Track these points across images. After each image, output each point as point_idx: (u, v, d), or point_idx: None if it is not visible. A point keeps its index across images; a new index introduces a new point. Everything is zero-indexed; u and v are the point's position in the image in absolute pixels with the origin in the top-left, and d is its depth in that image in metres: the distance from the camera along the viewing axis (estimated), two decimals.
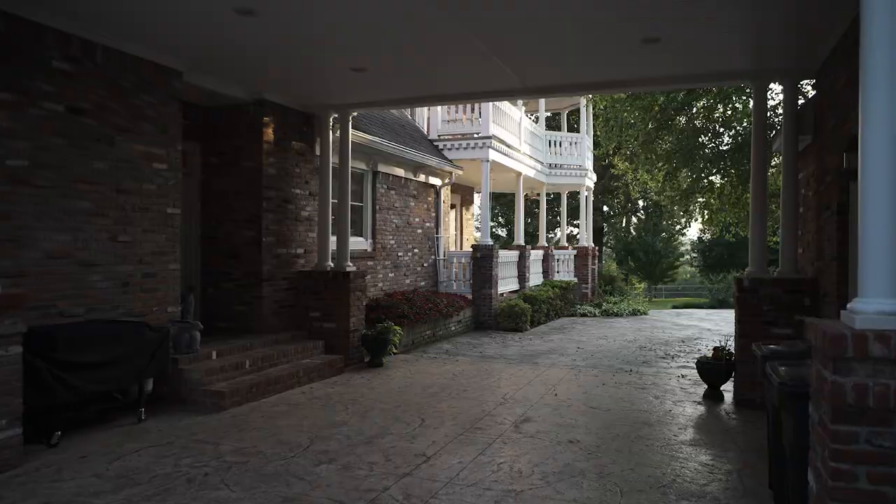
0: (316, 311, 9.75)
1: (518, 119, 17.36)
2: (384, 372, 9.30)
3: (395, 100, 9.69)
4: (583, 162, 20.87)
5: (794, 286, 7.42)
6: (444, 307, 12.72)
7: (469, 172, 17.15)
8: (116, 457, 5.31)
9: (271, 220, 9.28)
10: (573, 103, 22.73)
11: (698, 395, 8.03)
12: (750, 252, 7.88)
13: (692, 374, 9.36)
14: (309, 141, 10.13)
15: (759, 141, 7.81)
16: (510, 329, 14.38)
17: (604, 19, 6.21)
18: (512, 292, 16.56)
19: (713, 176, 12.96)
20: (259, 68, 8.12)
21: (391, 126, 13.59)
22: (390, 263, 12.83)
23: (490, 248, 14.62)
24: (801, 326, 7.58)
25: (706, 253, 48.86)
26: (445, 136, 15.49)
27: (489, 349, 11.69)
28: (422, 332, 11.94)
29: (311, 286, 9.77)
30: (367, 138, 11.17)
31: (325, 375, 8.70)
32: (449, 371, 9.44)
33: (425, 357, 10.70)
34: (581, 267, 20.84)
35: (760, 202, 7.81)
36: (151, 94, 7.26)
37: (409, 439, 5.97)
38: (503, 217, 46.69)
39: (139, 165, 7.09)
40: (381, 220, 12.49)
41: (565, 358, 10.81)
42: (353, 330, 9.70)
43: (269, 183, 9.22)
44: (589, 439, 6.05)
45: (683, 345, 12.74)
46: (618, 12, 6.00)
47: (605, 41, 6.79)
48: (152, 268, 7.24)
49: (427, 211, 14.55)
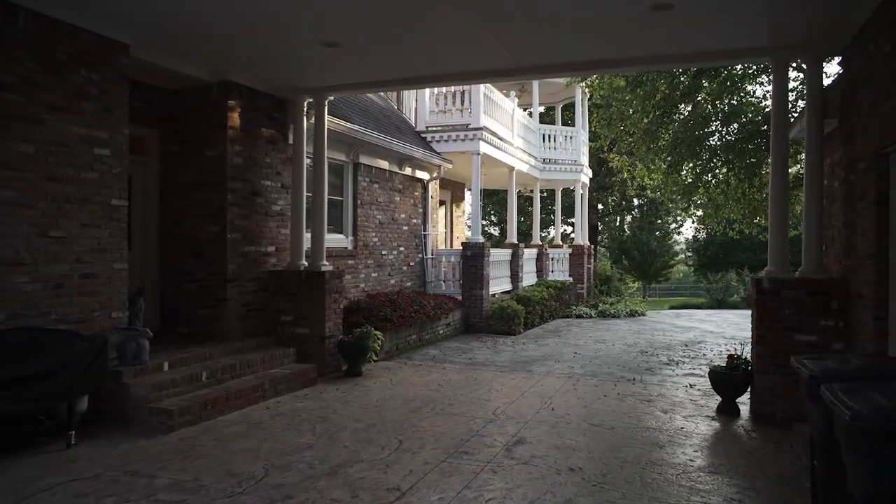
0: (288, 314, 8.86)
1: (511, 111, 16.50)
2: (362, 382, 8.42)
3: (376, 82, 8.80)
4: (578, 157, 20.03)
5: (820, 287, 6.58)
6: (432, 309, 11.85)
7: (459, 167, 16.27)
8: (22, 496, 4.41)
9: (237, 215, 8.38)
10: (568, 96, 21.89)
11: (711, 409, 7.20)
12: (770, 250, 7.05)
13: (700, 384, 8.53)
14: (281, 128, 9.23)
15: (779, 125, 6.98)
16: (502, 332, 13.53)
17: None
18: (504, 293, 15.70)
19: (718, 169, 12.11)
20: (221, 45, 7.23)
21: (374, 115, 12.70)
22: (373, 262, 11.94)
23: (481, 245, 13.76)
24: (829, 332, 6.79)
25: (701, 252, 48.23)
26: (434, 127, 14.60)
27: (479, 355, 10.83)
28: (406, 337, 11.07)
29: (283, 287, 8.89)
30: (346, 126, 10.28)
31: (295, 387, 7.81)
32: (434, 381, 8.57)
33: (409, 364, 9.82)
34: (576, 266, 20.01)
35: (781, 193, 6.98)
36: (93, 70, 6.36)
37: (382, 468, 5.10)
38: (496, 215, 45.86)
39: (77, 150, 6.19)
40: (363, 215, 11.60)
41: (561, 365, 9.96)
42: (329, 336, 8.82)
43: (234, 173, 8.32)
44: (593, 466, 5.20)
45: (687, 349, 11.91)
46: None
47: (609, 6, 5.92)
48: (93, 267, 6.34)
49: (414, 206, 13.67)
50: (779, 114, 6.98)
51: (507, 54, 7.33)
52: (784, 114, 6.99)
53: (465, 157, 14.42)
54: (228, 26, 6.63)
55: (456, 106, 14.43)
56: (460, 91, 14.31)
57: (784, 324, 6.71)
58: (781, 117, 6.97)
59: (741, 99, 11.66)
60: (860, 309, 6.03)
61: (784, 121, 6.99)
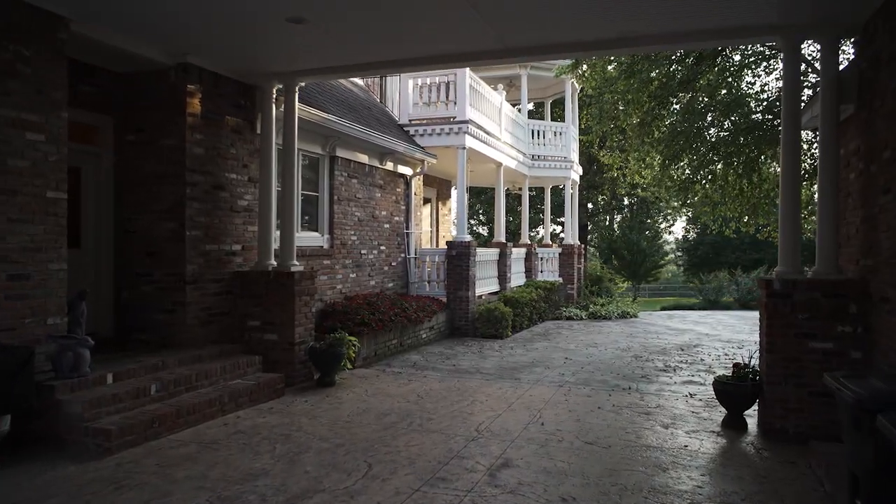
0: (255, 319, 8.15)
1: (498, 104, 15.83)
2: (334, 393, 7.72)
3: (350, 66, 8.09)
4: (568, 153, 19.40)
5: (837, 289, 5.96)
6: (414, 312, 11.16)
7: (445, 163, 15.60)
8: None
9: (198, 210, 7.66)
10: (557, 92, 21.30)
11: (715, 423, 6.56)
12: (780, 247, 6.41)
13: (701, 392, 7.90)
14: (248, 117, 8.51)
15: (790, 110, 6.35)
16: (489, 336, 12.86)
17: None
18: (492, 294, 15.05)
19: (715, 164, 11.48)
20: (176, 22, 6.50)
21: (353, 106, 11.98)
22: (351, 262, 11.23)
23: (467, 245, 13.08)
24: (847, 339, 6.16)
25: (691, 252, 47.82)
26: (417, 120, 13.90)
27: (464, 361, 10.15)
28: (386, 342, 10.37)
29: (250, 290, 8.17)
30: (321, 116, 9.57)
31: (260, 399, 7.10)
32: (414, 391, 7.88)
33: (388, 372, 9.13)
34: (566, 266, 19.37)
35: (792, 186, 6.35)
36: (24, 46, 5.63)
37: (345, 499, 4.41)
38: (484, 215, 45.20)
39: (4, 135, 5.45)
40: (340, 212, 10.89)
41: (551, 372, 9.30)
42: (300, 342, 8.11)
43: (195, 165, 7.60)
44: (588, 495, 4.54)
45: (683, 353, 11.30)
46: None
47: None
48: (24, 268, 5.60)
49: (395, 203, 12.97)
50: (790, 98, 6.35)
51: (492, 33, 6.66)
52: (796, 97, 6.36)
53: (451, 151, 13.74)
54: (185, 7, 5.93)
55: (441, 98, 13.74)
56: (445, 82, 13.63)
57: (797, 329, 6.08)
58: (793, 101, 6.34)
59: (739, 89, 11.03)
60: (884, 314, 5.41)
61: (795, 105, 6.36)
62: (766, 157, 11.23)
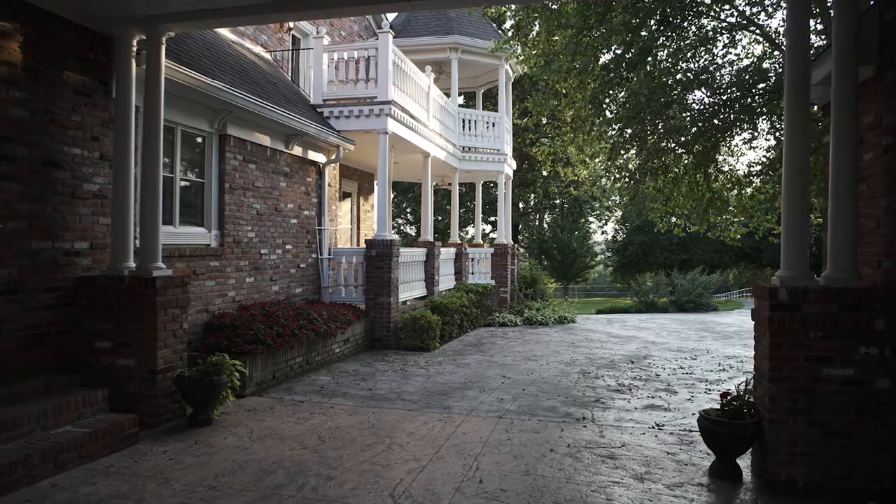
0: (105, 339, 6.19)
1: (426, 88, 14.19)
2: (208, 437, 5.86)
3: (232, 8, 6.24)
4: (501, 146, 17.97)
5: (859, 299, 4.61)
6: (324, 323, 9.36)
7: (366, 153, 13.85)
8: None
9: (18, 195, 5.65)
10: (490, 80, 19.90)
11: (700, 470, 5.12)
12: (783, 247, 5.02)
13: (669, 422, 6.51)
14: (100, 75, 6.53)
15: (796, 72, 4.97)
16: (414, 348, 11.20)
17: None
18: (418, 299, 13.41)
19: (668, 154, 10.21)
20: None
21: (254, 79, 10.06)
22: (248, 264, 9.32)
23: (388, 243, 11.37)
24: (872, 364, 4.77)
25: (621, 252, 47.73)
26: (332, 100, 12.08)
27: (383, 383, 8.43)
28: (288, 361, 8.53)
29: (99, 301, 6.20)
30: (204, 82, 7.65)
31: (96, 454, 5.18)
32: (315, 430, 6.12)
33: (286, 402, 7.32)
34: (499, 267, 17.93)
35: (800, 171, 4.98)
36: None
37: None
38: (412, 213, 43.57)
39: None
40: (233, 203, 8.97)
41: (488, 396, 7.72)
42: (165, 368, 6.21)
43: (10, 131, 5.59)
44: None
45: (634, 367, 9.96)
46: None
47: None
48: None
49: (306, 195, 11.11)
50: (796, 55, 4.96)
51: None
52: (804, 54, 4.98)
53: (371, 137, 12.00)
54: None
55: (360, 76, 11.97)
56: (365, 57, 11.88)
57: (808, 352, 4.70)
58: (799, 60, 4.96)
59: (711, 56, 9.79)
60: None
61: (803, 66, 4.98)
62: (726, 145, 10.08)
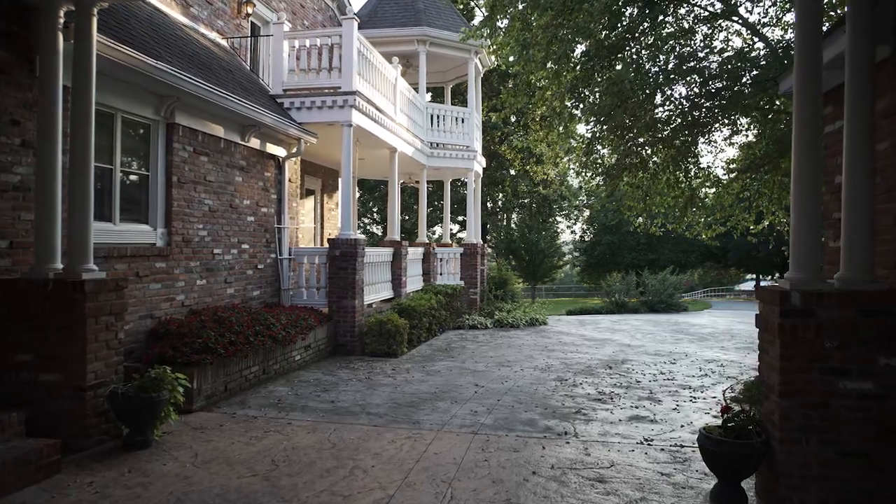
0: (25, 351, 5.41)
1: (393, 80, 13.53)
2: (144, 464, 5.14)
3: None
4: (471, 142, 17.38)
5: (879, 304, 4.13)
6: (282, 328, 8.65)
7: (331, 148, 13.12)
8: None
9: None
10: (459, 75, 19.29)
11: (700, 495, 4.60)
12: (792, 246, 4.51)
13: (657, 436, 6.00)
14: (21, 51, 5.75)
15: (807, 50, 4.47)
16: (380, 354, 10.55)
17: None
18: (384, 301, 12.74)
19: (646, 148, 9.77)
20: None
21: (208, 64, 9.29)
22: (199, 265, 8.56)
23: (353, 243, 10.70)
24: (892, 377, 4.14)
25: (588, 252, 47.68)
26: (293, 90, 11.35)
27: (346, 394, 7.77)
28: (243, 371, 7.81)
29: (19, 307, 5.43)
30: (149, 63, 6.89)
31: (7, 488, 4.42)
32: (268, 452, 5.44)
33: (238, 417, 6.61)
34: (468, 268, 17.35)
35: (810, 163, 4.47)
36: None
37: None
38: (379, 213, 42.80)
39: None
40: (182, 199, 8.20)
41: (460, 408, 7.12)
42: (97, 384, 5.47)
43: None
44: None
45: (612, 373, 9.47)
46: None
47: None
48: None
49: (264, 191, 10.37)
50: (807, 29, 4.46)
51: None
52: (816, 27, 4.49)
53: (335, 130, 11.30)
54: None
55: (323, 65, 11.27)
56: (328, 45, 11.18)
57: (823, 363, 4.20)
58: (810, 36, 4.46)
59: (699, 45, 9.34)
60: None
61: (814, 44, 4.48)
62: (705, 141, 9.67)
